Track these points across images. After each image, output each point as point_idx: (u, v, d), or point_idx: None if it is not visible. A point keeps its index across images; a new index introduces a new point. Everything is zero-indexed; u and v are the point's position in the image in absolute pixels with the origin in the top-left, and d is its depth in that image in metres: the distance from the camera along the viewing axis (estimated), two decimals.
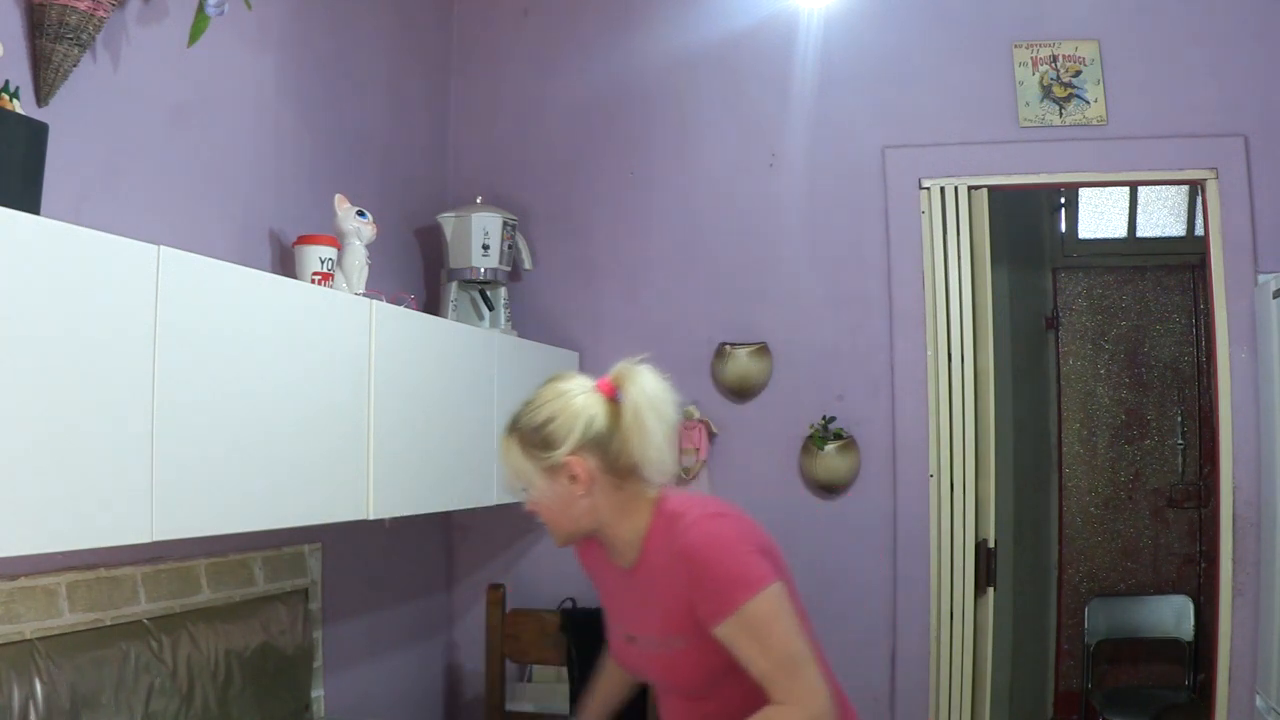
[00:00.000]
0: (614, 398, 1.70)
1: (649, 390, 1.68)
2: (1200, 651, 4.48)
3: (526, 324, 3.50)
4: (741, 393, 3.41)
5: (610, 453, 1.68)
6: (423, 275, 3.45)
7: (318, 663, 2.70)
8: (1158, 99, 3.23)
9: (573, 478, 1.69)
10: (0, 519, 1.37)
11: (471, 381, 2.75)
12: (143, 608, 2.10)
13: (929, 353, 3.31)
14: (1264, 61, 3.17)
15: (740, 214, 3.48)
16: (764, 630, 1.61)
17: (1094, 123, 3.26)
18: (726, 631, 1.62)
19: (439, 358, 2.58)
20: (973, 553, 3.27)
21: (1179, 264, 4.89)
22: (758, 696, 1.62)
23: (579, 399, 1.70)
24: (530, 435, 1.70)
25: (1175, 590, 4.74)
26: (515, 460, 1.72)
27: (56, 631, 1.89)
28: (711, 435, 3.41)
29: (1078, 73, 3.28)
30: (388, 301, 2.44)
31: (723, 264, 3.48)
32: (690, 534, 1.67)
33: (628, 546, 1.76)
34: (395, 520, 2.47)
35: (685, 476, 3.37)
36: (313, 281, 2.40)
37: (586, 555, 1.92)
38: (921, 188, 3.35)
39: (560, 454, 1.68)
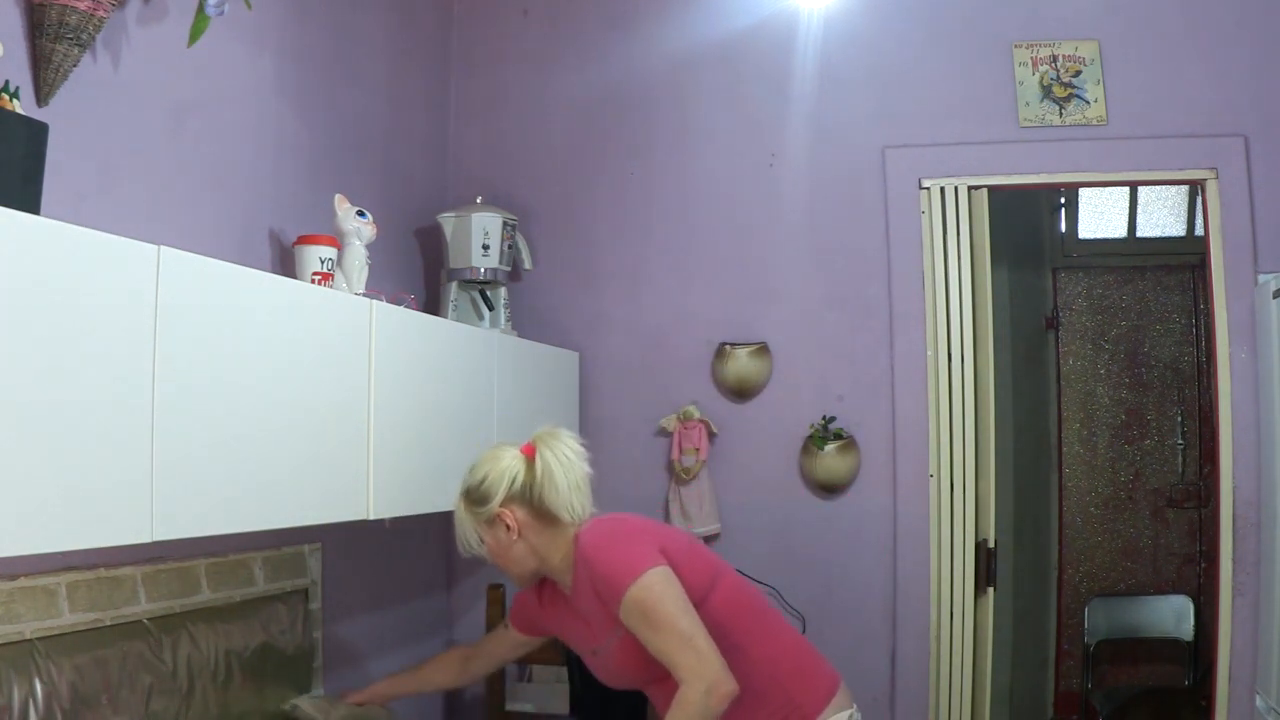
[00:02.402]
0: (532, 457, 2.05)
1: (556, 449, 2.04)
2: (1200, 651, 4.48)
3: (526, 324, 3.51)
4: (741, 393, 3.41)
5: (533, 502, 2.03)
6: (423, 275, 3.45)
7: (318, 663, 2.70)
8: (1158, 99, 3.23)
9: (506, 527, 2.04)
10: (0, 519, 1.37)
11: (471, 381, 2.75)
12: (143, 608, 2.10)
13: (929, 353, 3.31)
14: (1264, 61, 3.17)
15: (740, 214, 3.48)
16: (648, 612, 1.86)
17: (1094, 123, 3.26)
18: (624, 617, 1.89)
19: (439, 358, 2.58)
20: (973, 553, 3.27)
21: (1179, 264, 4.89)
22: None
23: (504, 461, 2.07)
24: (470, 494, 2.08)
25: (1175, 590, 4.74)
26: (463, 518, 2.09)
27: (56, 631, 1.89)
28: (711, 435, 3.41)
29: (1078, 73, 3.28)
30: (388, 301, 2.44)
31: (723, 264, 3.48)
32: (581, 543, 1.99)
33: (563, 575, 2.06)
34: (395, 520, 2.47)
35: (686, 477, 3.38)
36: (313, 281, 2.40)
37: (548, 607, 2.20)
38: (921, 188, 3.36)
39: (492, 507, 2.04)
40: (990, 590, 3.31)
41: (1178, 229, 5.00)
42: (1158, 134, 3.22)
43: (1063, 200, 5.02)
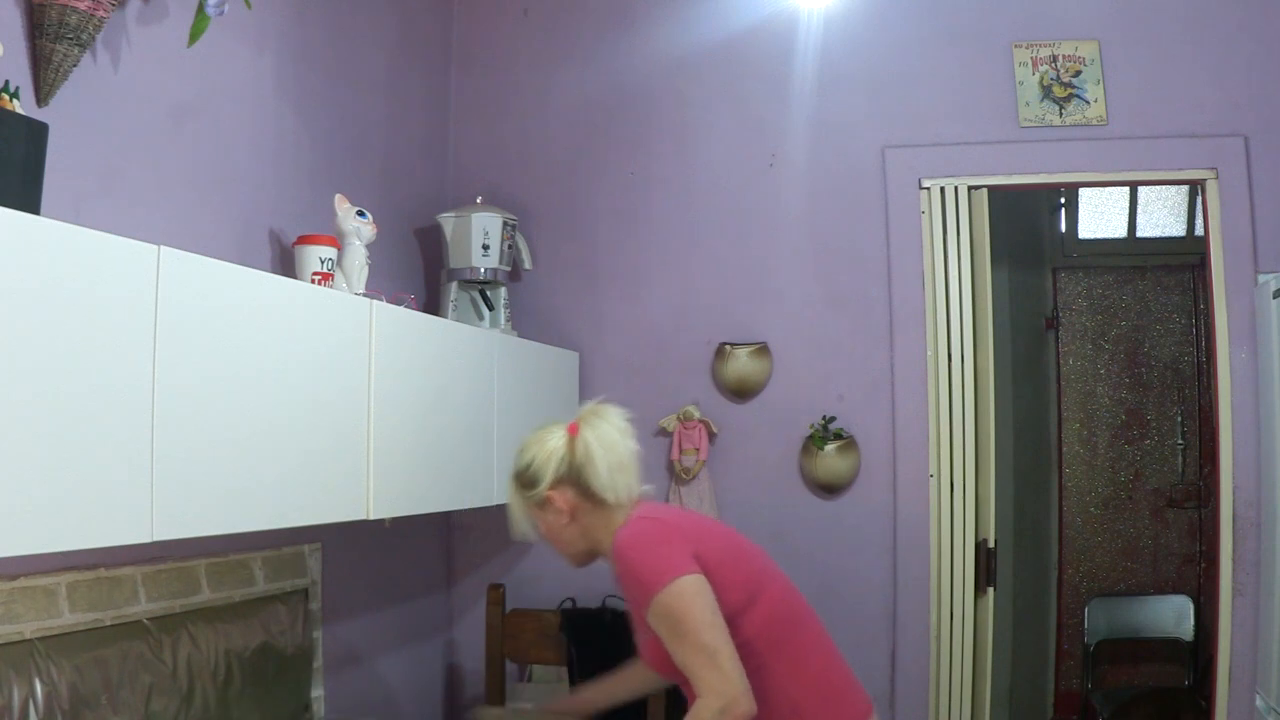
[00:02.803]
0: (576, 437, 2.00)
1: (599, 428, 1.99)
2: (1200, 651, 4.48)
3: (526, 324, 3.51)
4: (741, 393, 3.41)
5: (581, 483, 1.96)
6: (423, 275, 3.45)
7: (318, 663, 2.70)
8: (1158, 99, 3.23)
9: (558, 509, 1.98)
10: (0, 519, 1.37)
11: (471, 381, 2.75)
12: (143, 608, 2.10)
13: (929, 353, 3.31)
14: (1264, 61, 3.17)
15: (740, 214, 3.48)
16: (676, 620, 1.79)
17: (1094, 123, 3.26)
18: (651, 620, 1.83)
19: (439, 358, 2.58)
20: (973, 553, 3.27)
21: (1179, 264, 4.89)
22: None
23: (550, 442, 2.00)
24: (520, 477, 2.03)
25: (1175, 590, 4.74)
26: (515, 502, 2.03)
27: (56, 631, 1.89)
28: (711, 435, 3.41)
29: (1078, 73, 3.28)
30: (388, 301, 2.44)
31: (723, 264, 3.48)
32: (618, 537, 1.91)
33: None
34: (395, 520, 2.47)
35: (685, 476, 3.38)
36: (313, 281, 2.40)
37: None
38: (921, 188, 3.36)
39: (542, 490, 1.98)
40: (990, 590, 3.31)
41: (1178, 229, 5.00)
42: (1158, 134, 3.22)
43: (1063, 200, 5.02)
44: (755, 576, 1.96)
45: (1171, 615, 4.63)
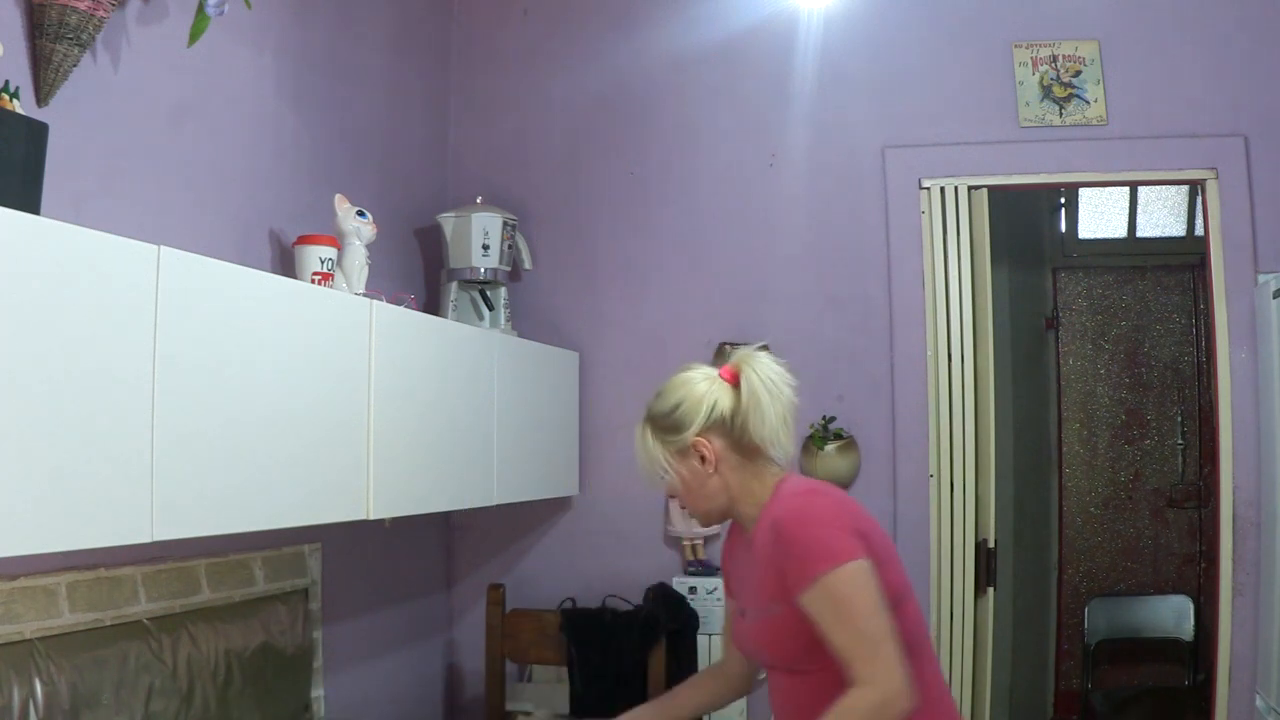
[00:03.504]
0: (735, 382, 1.83)
1: (765, 374, 1.81)
2: (1200, 651, 4.48)
3: (526, 324, 3.50)
4: None
5: (734, 433, 1.81)
6: (423, 275, 3.45)
7: (318, 663, 2.70)
8: (1158, 99, 3.23)
9: (701, 458, 1.82)
10: (0, 519, 1.37)
11: (471, 381, 2.75)
12: (143, 608, 2.10)
13: (929, 353, 3.31)
14: (1264, 61, 3.17)
15: (740, 214, 3.48)
16: (842, 604, 1.65)
17: (1094, 123, 3.26)
18: (808, 601, 1.68)
19: (439, 358, 2.58)
20: (973, 553, 3.27)
21: (1179, 264, 4.89)
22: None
23: (702, 385, 1.84)
24: (661, 421, 1.86)
25: (1175, 590, 4.74)
26: (649, 447, 1.86)
27: (56, 631, 1.89)
28: None
29: (1078, 73, 3.28)
30: (388, 301, 2.44)
31: (723, 264, 3.48)
32: (784, 505, 1.77)
33: (749, 521, 1.85)
34: (395, 520, 2.47)
35: None
36: (313, 281, 2.40)
37: (728, 542, 2.01)
38: (921, 188, 3.35)
39: (689, 435, 1.82)
40: (990, 590, 3.30)
41: (1178, 229, 5.00)
42: (1158, 134, 3.22)
43: (1063, 200, 5.02)
44: (904, 582, 1.81)
45: (1171, 615, 4.63)
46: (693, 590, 3.32)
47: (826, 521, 1.73)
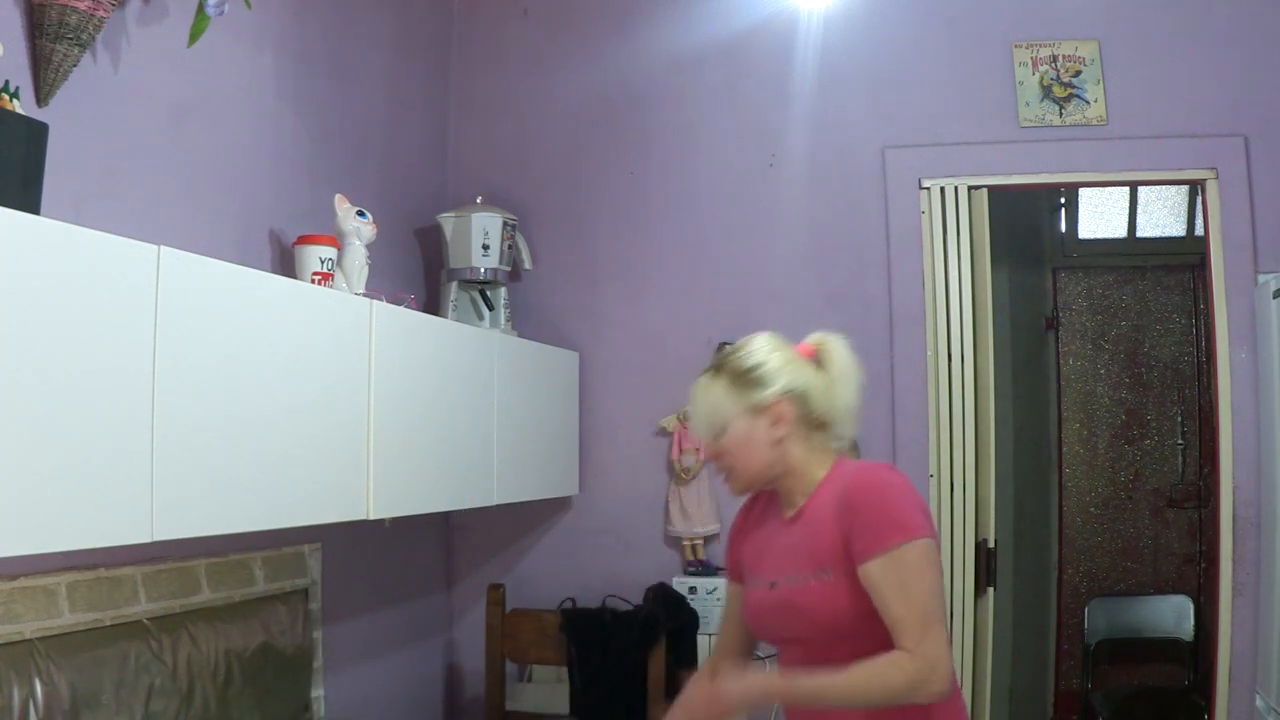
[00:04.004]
0: (813, 358, 1.88)
1: (844, 355, 1.88)
2: (1200, 651, 4.48)
3: (526, 324, 3.50)
4: None
5: (809, 405, 1.83)
6: (423, 275, 3.45)
7: (318, 663, 2.70)
8: (1158, 99, 3.23)
9: (776, 419, 1.81)
10: (0, 519, 1.37)
11: (471, 381, 2.75)
12: (143, 608, 2.10)
13: (929, 353, 3.31)
14: (1264, 61, 3.17)
15: (740, 214, 3.48)
16: (909, 577, 1.65)
17: (1094, 123, 3.26)
18: (873, 569, 1.66)
19: (439, 358, 2.58)
20: (973, 553, 3.27)
21: (1179, 264, 4.89)
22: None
23: (787, 351, 1.87)
24: (741, 375, 1.83)
25: (1175, 590, 4.73)
26: (719, 398, 1.83)
27: (56, 631, 1.89)
28: None
29: (1078, 73, 3.28)
30: (388, 301, 2.44)
31: (723, 264, 3.48)
32: (861, 475, 1.79)
33: (798, 495, 1.84)
34: (395, 520, 2.47)
35: (685, 477, 3.38)
36: (313, 281, 2.40)
37: (747, 517, 1.99)
38: (921, 188, 3.35)
39: (770, 394, 1.81)
40: (990, 590, 3.30)
41: (1178, 229, 4.99)
42: (1158, 134, 3.22)
43: (1063, 200, 5.02)
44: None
45: (1171, 615, 4.63)
46: (693, 590, 3.32)
47: (904, 496, 1.74)
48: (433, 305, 3.36)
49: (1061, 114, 3.28)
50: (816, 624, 1.76)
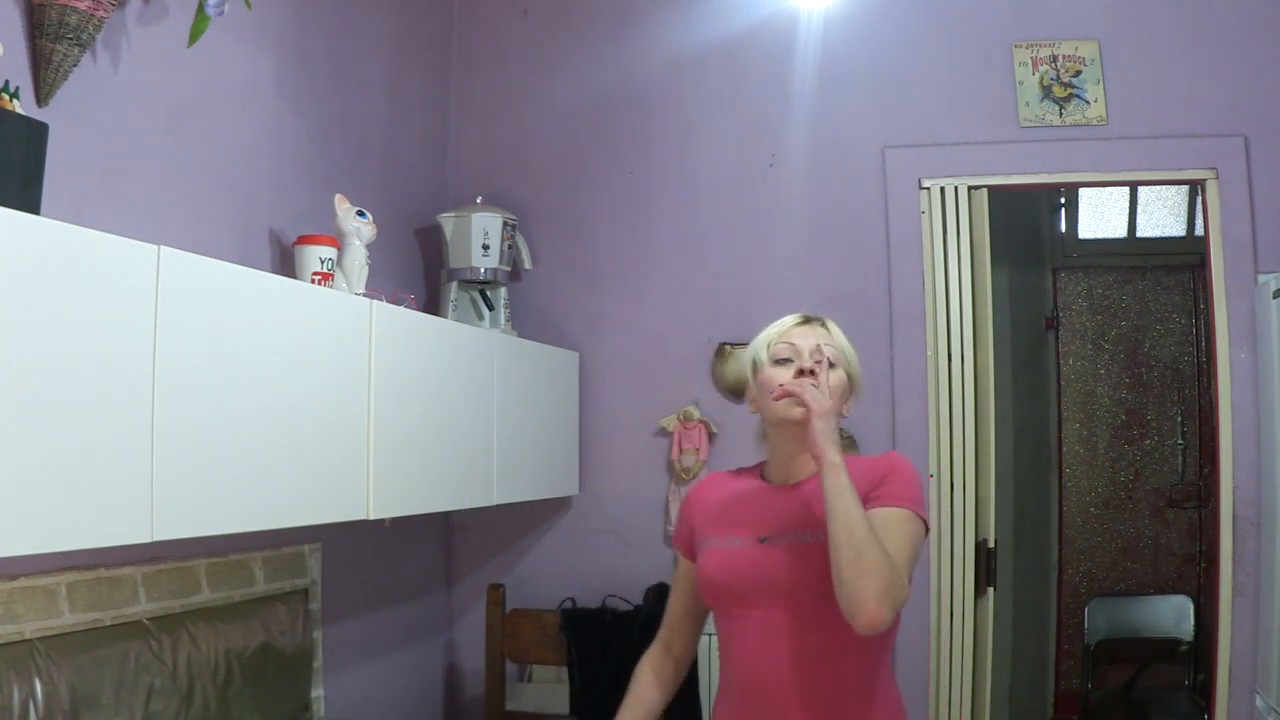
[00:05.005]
0: None
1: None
2: (1200, 651, 4.48)
3: (526, 324, 3.51)
4: (741, 393, 3.39)
5: (854, 373, 1.99)
6: (423, 275, 3.45)
7: (318, 663, 2.70)
8: (1158, 99, 3.23)
9: (848, 375, 1.98)
10: (0, 519, 1.37)
11: (471, 381, 2.75)
12: (143, 608, 2.10)
13: (929, 353, 3.31)
14: (1264, 61, 3.17)
15: (740, 214, 3.48)
16: (904, 536, 1.76)
17: (1094, 123, 3.26)
18: (887, 511, 1.78)
19: (439, 358, 2.58)
20: (973, 553, 3.27)
21: (1179, 264, 4.89)
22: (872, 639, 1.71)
23: None
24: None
25: (1175, 590, 4.74)
26: (848, 344, 2.02)
27: (56, 631, 1.89)
28: (711, 435, 3.41)
29: (1078, 73, 3.28)
30: (388, 301, 2.44)
31: (723, 264, 3.48)
32: (901, 458, 1.92)
33: (806, 469, 1.92)
34: (395, 520, 2.47)
35: (685, 476, 3.37)
36: (313, 281, 2.40)
37: (702, 491, 2.06)
38: (921, 188, 3.36)
39: (857, 368, 2.00)
40: (990, 590, 3.30)
41: (1178, 229, 5.00)
42: (1158, 134, 3.22)
43: (1063, 200, 5.02)
44: None
45: (1171, 615, 4.63)
46: None
47: (923, 492, 1.89)
48: (433, 305, 3.36)
49: (1061, 114, 3.28)
50: (809, 578, 1.77)
